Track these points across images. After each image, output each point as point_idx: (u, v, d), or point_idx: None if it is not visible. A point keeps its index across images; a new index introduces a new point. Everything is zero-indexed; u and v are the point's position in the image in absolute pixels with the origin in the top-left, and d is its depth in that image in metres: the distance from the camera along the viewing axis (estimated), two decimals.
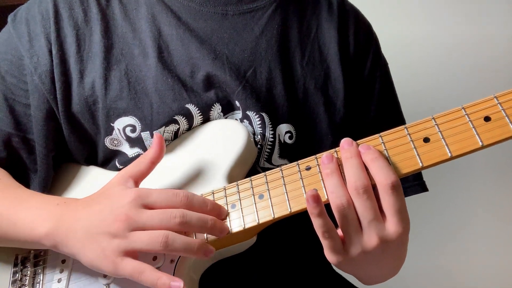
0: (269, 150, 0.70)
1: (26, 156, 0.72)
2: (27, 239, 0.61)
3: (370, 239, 0.52)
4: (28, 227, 0.61)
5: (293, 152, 0.70)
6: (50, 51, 0.69)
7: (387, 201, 0.51)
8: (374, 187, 0.53)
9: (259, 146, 0.69)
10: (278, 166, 0.68)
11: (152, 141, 0.62)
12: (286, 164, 0.65)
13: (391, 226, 0.52)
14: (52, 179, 0.74)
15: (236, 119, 0.70)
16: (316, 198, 0.51)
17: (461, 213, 1.39)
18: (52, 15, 0.70)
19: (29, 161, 0.72)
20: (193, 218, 0.56)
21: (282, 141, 0.70)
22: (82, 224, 0.58)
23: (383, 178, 0.51)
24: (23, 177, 0.72)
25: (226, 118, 0.70)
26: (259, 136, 0.69)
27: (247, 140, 0.66)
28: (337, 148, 0.57)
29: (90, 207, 0.59)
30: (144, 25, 0.71)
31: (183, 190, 0.58)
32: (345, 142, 0.55)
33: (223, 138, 0.67)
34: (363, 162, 0.54)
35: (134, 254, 0.55)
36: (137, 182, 0.61)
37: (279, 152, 0.70)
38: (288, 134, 0.70)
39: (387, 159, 0.54)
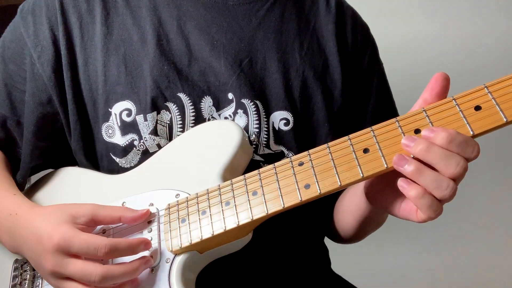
0: (266, 137, 0.71)
1: (20, 138, 0.76)
2: None
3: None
4: None
5: (288, 139, 0.72)
6: (54, 42, 0.72)
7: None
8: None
9: (254, 144, 0.70)
10: (275, 151, 0.70)
11: (140, 211, 0.62)
12: (282, 150, 0.67)
13: None
14: (52, 181, 0.76)
15: (230, 115, 0.71)
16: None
17: (459, 212, 1.38)
18: (58, 7, 0.73)
19: (21, 143, 0.76)
20: (113, 278, 0.55)
21: (277, 128, 0.72)
22: (26, 248, 0.62)
23: (470, 153, 0.49)
24: (16, 159, 0.78)
25: (219, 114, 0.71)
26: (254, 135, 0.70)
27: (241, 140, 0.66)
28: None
29: (30, 231, 0.60)
30: (145, 13, 0.74)
31: (105, 244, 0.55)
32: (406, 139, 0.51)
33: (218, 138, 0.67)
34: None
35: None
36: (93, 222, 0.60)
37: (274, 139, 0.71)
38: (284, 121, 0.72)
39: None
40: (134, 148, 0.70)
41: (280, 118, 0.72)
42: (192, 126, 0.70)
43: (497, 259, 1.40)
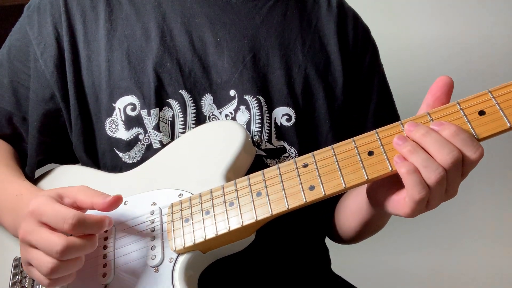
0: (268, 132, 0.72)
1: (26, 134, 0.78)
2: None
3: (452, 193, 0.54)
4: None
5: (290, 134, 0.73)
6: (57, 38, 0.73)
7: (469, 169, 0.52)
8: None
9: (257, 142, 0.70)
10: (277, 146, 0.72)
11: (112, 197, 0.59)
12: (284, 145, 0.69)
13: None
14: (54, 179, 0.76)
15: (231, 112, 0.72)
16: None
17: (459, 212, 1.39)
18: (62, 4, 0.74)
19: (28, 139, 0.78)
20: (75, 249, 0.54)
21: (279, 124, 0.73)
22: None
23: (471, 153, 0.51)
24: (24, 152, 0.79)
25: (219, 111, 0.72)
26: (256, 131, 0.70)
27: (245, 141, 0.66)
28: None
29: (25, 207, 0.60)
30: (149, 10, 0.74)
31: (73, 214, 0.54)
32: (410, 124, 0.53)
33: (221, 138, 0.67)
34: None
35: None
36: (76, 204, 0.59)
37: (275, 134, 0.72)
38: (286, 117, 0.73)
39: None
40: (139, 143, 0.71)
41: (282, 114, 0.73)
42: (193, 124, 0.71)
43: (497, 259, 1.42)
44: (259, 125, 0.71)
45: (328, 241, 0.85)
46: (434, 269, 1.44)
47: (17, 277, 0.68)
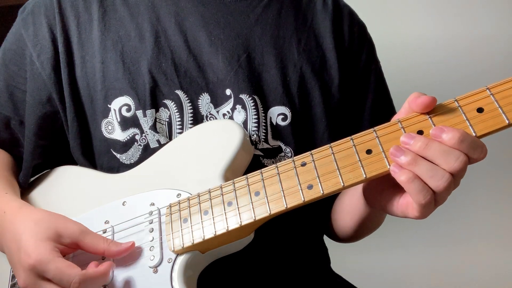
0: (264, 132, 0.72)
1: (23, 138, 0.77)
2: None
3: (457, 185, 0.53)
4: None
5: (286, 134, 0.73)
6: (53, 40, 0.73)
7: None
8: None
9: (255, 142, 0.70)
10: (273, 146, 0.72)
11: (124, 245, 0.60)
12: (280, 145, 0.69)
13: None
14: (52, 179, 0.76)
15: (228, 111, 0.71)
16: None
17: (459, 212, 1.39)
18: (56, 6, 0.74)
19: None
20: None
21: (274, 123, 0.73)
22: (6, 251, 0.63)
23: (477, 155, 0.50)
24: (21, 157, 0.78)
25: (217, 111, 0.72)
26: (253, 131, 0.70)
27: (243, 140, 0.66)
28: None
29: (13, 235, 0.60)
30: (143, 10, 0.74)
31: (78, 277, 0.55)
32: (406, 136, 0.52)
33: (219, 138, 0.67)
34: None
35: None
36: (77, 245, 0.59)
37: (271, 134, 0.72)
38: (281, 116, 0.73)
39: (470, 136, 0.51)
40: (135, 143, 0.70)
41: (278, 114, 0.73)
42: (191, 124, 0.71)
43: (497, 259, 1.42)
44: (256, 125, 0.71)
45: (327, 240, 0.85)
46: (433, 268, 1.44)
47: (16, 279, 0.68)
